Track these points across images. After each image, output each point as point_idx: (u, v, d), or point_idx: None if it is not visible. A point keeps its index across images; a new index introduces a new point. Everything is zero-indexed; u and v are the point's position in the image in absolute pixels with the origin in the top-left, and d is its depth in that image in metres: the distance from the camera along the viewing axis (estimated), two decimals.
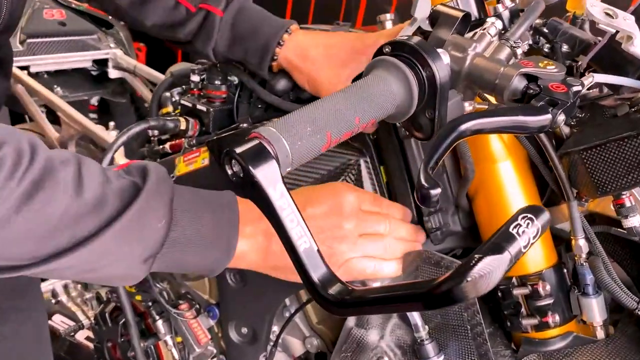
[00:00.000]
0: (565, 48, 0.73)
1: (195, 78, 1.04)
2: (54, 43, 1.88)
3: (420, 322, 0.76)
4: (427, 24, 0.69)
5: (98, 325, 1.25)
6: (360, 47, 0.85)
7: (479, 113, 0.56)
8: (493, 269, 0.42)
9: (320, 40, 0.90)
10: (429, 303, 0.45)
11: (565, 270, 0.76)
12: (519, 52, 0.65)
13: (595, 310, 0.73)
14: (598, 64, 0.69)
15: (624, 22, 0.59)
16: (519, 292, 0.75)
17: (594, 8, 0.60)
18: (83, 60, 1.94)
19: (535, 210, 0.45)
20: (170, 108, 1.12)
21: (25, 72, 1.77)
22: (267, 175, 0.51)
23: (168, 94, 1.13)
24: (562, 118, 0.57)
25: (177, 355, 1.12)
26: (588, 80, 0.62)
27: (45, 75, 1.89)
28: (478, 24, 0.67)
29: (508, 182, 0.75)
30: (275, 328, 0.95)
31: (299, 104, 0.90)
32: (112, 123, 1.60)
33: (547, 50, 0.74)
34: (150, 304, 1.13)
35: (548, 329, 0.75)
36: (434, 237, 0.80)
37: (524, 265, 0.75)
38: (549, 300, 0.74)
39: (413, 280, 0.49)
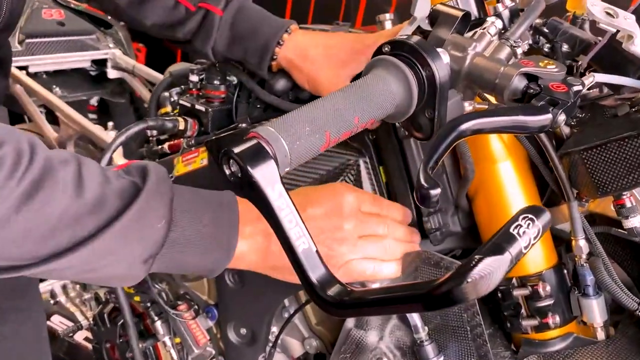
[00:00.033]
0: (566, 48, 0.73)
1: (194, 78, 1.04)
2: (53, 43, 1.87)
3: (420, 323, 0.75)
4: (426, 24, 0.69)
5: (97, 326, 1.24)
6: (360, 47, 0.84)
7: (479, 113, 0.55)
8: (493, 270, 0.41)
9: (320, 41, 0.89)
10: (429, 304, 0.44)
11: (566, 271, 0.76)
12: (519, 51, 0.65)
13: (596, 311, 0.72)
14: (598, 64, 0.69)
15: (625, 21, 0.59)
16: (519, 293, 0.75)
17: (595, 7, 0.59)
18: (82, 60, 1.93)
19: (536, 211, 0.44)
20: (169, 108, 1.12)
21: (24, 72, 1.77)
22: (265, 176, 0.51)
23: (167, 94, 1.13)
24: (562, 118, 0.57)
25: (175, 356, 1.12)
26: (589, 80, 0.62)
27: (44, 76, 1.89)
28: (478, 24, 0.67)
29: (508, 182, 0.75)
30: (274, 329, 0.94)
31: (298, 104, 0.89)
32: (110, 123, 1.59)
33: (547, 50, 0.74)
34: (149, 305, 1.12)
35: (548, 330, 0.75)
36: (434, 237, 0.79)
37: (524, 266, 0.75)
38: (549, 301, 0.74)
39: (413, 281, 0.49)
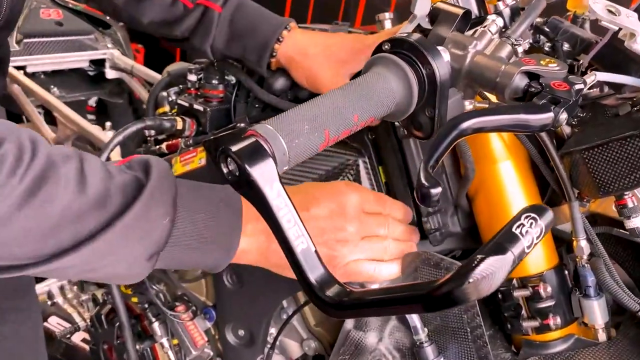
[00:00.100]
0: (567, 47, 0.72)
1: (193, 77, 1.04)
2: (51, 43, 1.87)
3: (420, 324, 0.75)
4: (426, 22, 0.68)
5: (94, 327, 1.24)
6: (360, 46, 0.84)
7: (480, 111, 0.55)
8: (496, 270, 0.41)
9: (319, 40, 0.89)
10: (429, 305, 0.44)
11: (567, 272, 0.76)
12: (520, 50, 0.64)
13: (597, 313, 0.72)
14: (600, 63, 0.68)
15: (627, 19, 0.58)
16: (520, 294, 0.74)
17: (597, 5, 0.59)
18: (80, 61, 1.93)
19: (539, 210, 0.44)
20: (167, 108, 1.11)
21: (22, 72, 1.76)
22: (263, 174, 0.50)
23: (165, 94, 1.12)
24: (564, 116, 0.56)
25: (173, 358, 1.11)
26: (590, 79, 0.61)
27: (42, 76, 1.88)
28: (478, 22, 0.67)
29: (509, 182, 0.74)
30: (273, 330, 0.94)
31: (297, 103, 0.89)
32: (108, 123, 1.59)
33: (548, 49, 0.73)
34: (147, 306, 1.12)
35: (549, 332, 0.74)
36: (433, 238, 0.78)
37: (525, 267, 0.74)
38: (550, 302, 0.73)
39: (413, 282, 0.48)
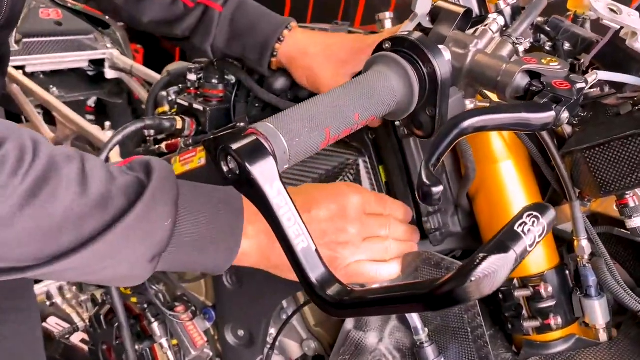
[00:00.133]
0: (567, 46, 0.72)
1: (192, 77, 1.03)
2: (50, 43, 1.87)
3: (420, 324, 0.74)
4: (427, 21, 0.68)
5: (93, 328, 1.23)
6: (361, 46, 0.83)
7: (482, 110, 0.54)
8: (498, 269, 0.40)
9: (319, 39, 0.88)
10: (431, 304, 0.43)
11: (568, 272, 0.75)
12: (521, 49, 0.64)
13: (598, 312, 0.71)
14: (601, 62, 0.68)
15: (629, 18, 0.58)
16: (521, 294, 0.74)
17: (598, 4, 0.58)
18: (79, 60, 1.92)
19: (541, 208, 0.43)
20: (167, 107, 1.11)
21: (21, 71, 1.76)
22: (264, 172, 0.50)
23: (164, 93, 1.12)
24: (566, 115, 0.56)
25: (172, 358, 1.10)
26: (592, 78, 0.61)
27: (41, 76, 1.88)
28: (479, 21, 0.66)
29: (509, 181, 0.74)
30: (272, 331, 0.93)
31: (297, 103, 0.89)
32: (107, 123, 1.59)
33: (548, 49, 0.73)
34: (146, 307, 1.11)
35: (550, 332, 0.74)
36: (433, 238, 0.78)
37: (526, 267, 0.74)
38: (551, 302, 0.73)
39: (414, 281, 0.48)
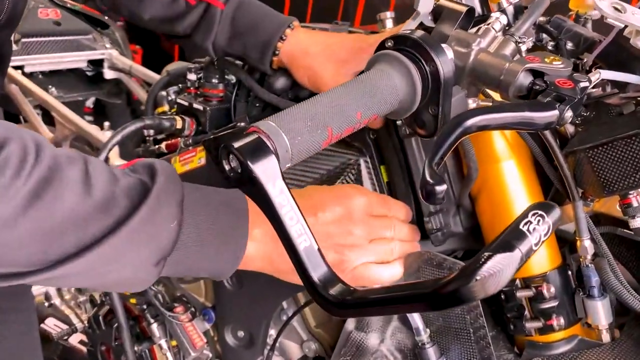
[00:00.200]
0: (570, 45, 0.72)
1: (192, 76, 1.03)
2: (49, 43, 1.86)
3: (422, 325, 0.74)
4: (429, 20, 0.67)
5: (91, 329, 1.22)
6: (363, 46, 0.83)
7: (485, 109, 0.54)
8: (503, 268, 0.40)
9: (320, 39, 0.88)
10: (435, 303, 0.43)
11: (570, 272, 0.75)
12: (523, 48, 0.64)
13: (601, 313, 0.71)
14: (604, 61, 0.68)
15: (633, 16, 0.58)
16: (523, 294, 0.73)
17: (603, 2, 0.58)
18: (78, 61, 1.92)
19: (547, 207, 0.43)
20: (167, 107, 1.11)
21: (20, 71, 1.75)
22: (266, 171, 0.50)
23: (164, 93, 1.12)
24: (569, 114, 0.56)
25: (172, 359, 1.10)
26: (595, 77, 0.61)
27: (40, 76, 1.87)
28: (481, 20, 0.66)
29: (511, 181, 0.73)
30: (273, 332, 0.93)
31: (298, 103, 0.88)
32: (107, 123, 1.58)
33: (551, 48, 0.72)
34: (145, 307, 1.11)
35: (552, 332, 0.73)
36: (435, 238, 0.78)
37: (528, 267, 0.73)
38: (554, 303, 0.72)
39: (417, 280, 0.47)
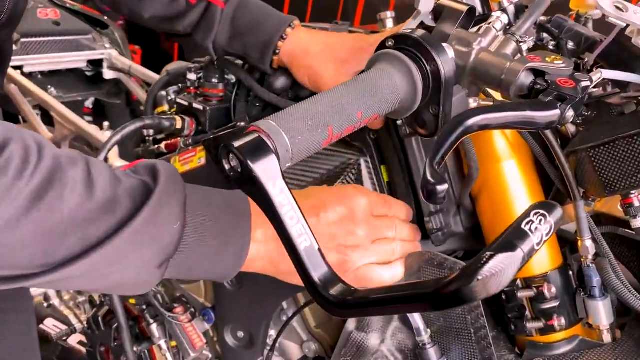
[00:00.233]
0: (571, 45, 0.71)
1: (192, 76, 1.03)
2: (48, 43, 1.86)
3: (423, 325, 0.74)
4: (430, 19, 0.67)
5: (91, 330, 1.22)
6: (363, 45, 0.83)
7: (486, 108, 0.54)
8: (505, 268, 0.40)
9: (321, 38, 0.88)
10: (437, 303, 0.43)
11: (571, 273, 0.75)
12: (524, 48, 0.64)
13: (602, 313, 0.71)
14: (605, 61, 0.67)
15: (635, 15, 0.58)
16: (524, 294, 0.73)
17: (604, 1, 0.58)
18: (77, 61, 1.91)
19: (548, 206, 0.43)
20: (166, 107, 1.11)
21: (19, 71, 1.75)
22: (266, 170, 0.49)
23: (164, 93, 1.11)
24: (571, 114, 0.56)
25: None
26: (596, 76, 0.60)
27: (39, 76, 1.87)
28: (482, 19, 0.66)
29: (512, 181, 0.73)
30: (273, 332, 0.93)
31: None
32: (106, 123, 1.58)
33: (552, 48, 0.72)
34: (145, 308, 1.10)
35: (553, 333, 0.73)
36: (435, 238, 0.78)
37: (529, 267, 0.73)
38: (555, 303, 0.72)
39: (418, 280, 0.47)
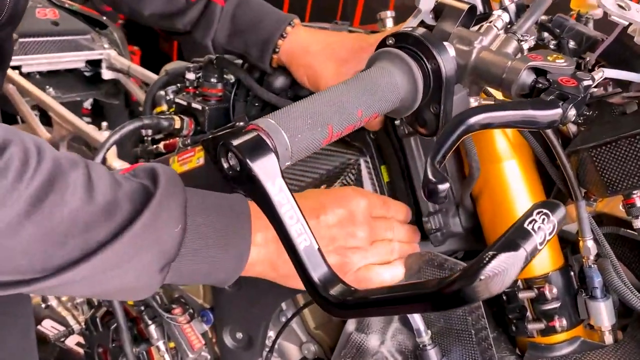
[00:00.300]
0: (572, 44, 0.71)
1: (191, 76, 1.02)
2: (47, 43, 1.85)
3: (423, 326, 0.73)
4: (430, 18, 0.67)
5: (89, 331, 1.22)
6: (362, 45, 0.82)
7: (488, 107, 0.53)
8: (507, 267, 0.39)
9: (320, 38, 0.88)
10: (438, 303, 0.42)
11: (572, 273, 0.74)
12: (526, 47, 0.63)
13: (604, 314, 0.70)
14: (607, 60, 0.67)
15: (637, 14, 0.57)
16: (525, 295, 0.73)
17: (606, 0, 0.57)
18: (76, 61, 1.91)
19: (551, 206, 0.42)
20: (165, 107, 1.10)
21: (17, 71, 1.74)
22: (265, 169, 0.49)
23: (162, 93, 1.11)
24: (572, 113, 0.55)
25: None
26: (598, 75, 0.60)
27: (37, 76, 1.87)
28: (483, 18, 0.65)
29: (513, 181, 0.73)
30: (271, 333, 0.92)
31: None
32: (104, 123, 1.57)
33: (553, 47, 0.72)
34: (143, 309, 1.10)
35: (555, 334, 0.72)
36: (434, 238, 0.77)
37: (530, 268, 0.73)
38: (556, 304, 0.72)
39: (419, 280, 0.47)
